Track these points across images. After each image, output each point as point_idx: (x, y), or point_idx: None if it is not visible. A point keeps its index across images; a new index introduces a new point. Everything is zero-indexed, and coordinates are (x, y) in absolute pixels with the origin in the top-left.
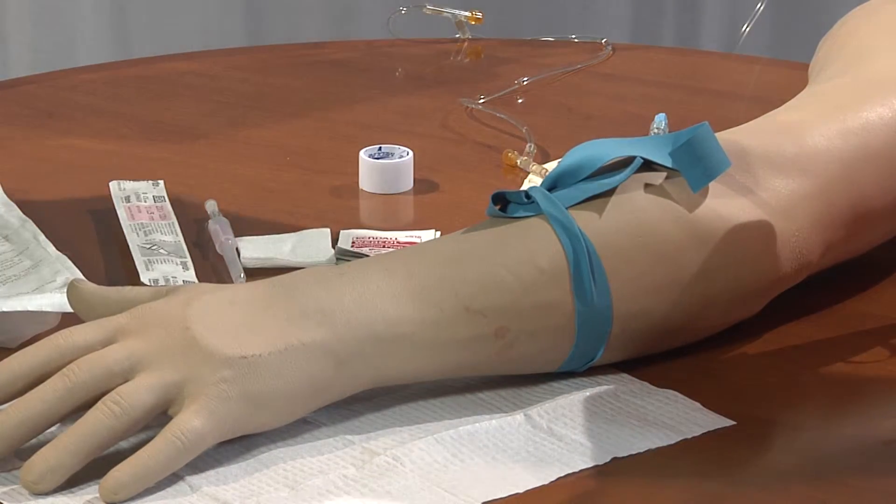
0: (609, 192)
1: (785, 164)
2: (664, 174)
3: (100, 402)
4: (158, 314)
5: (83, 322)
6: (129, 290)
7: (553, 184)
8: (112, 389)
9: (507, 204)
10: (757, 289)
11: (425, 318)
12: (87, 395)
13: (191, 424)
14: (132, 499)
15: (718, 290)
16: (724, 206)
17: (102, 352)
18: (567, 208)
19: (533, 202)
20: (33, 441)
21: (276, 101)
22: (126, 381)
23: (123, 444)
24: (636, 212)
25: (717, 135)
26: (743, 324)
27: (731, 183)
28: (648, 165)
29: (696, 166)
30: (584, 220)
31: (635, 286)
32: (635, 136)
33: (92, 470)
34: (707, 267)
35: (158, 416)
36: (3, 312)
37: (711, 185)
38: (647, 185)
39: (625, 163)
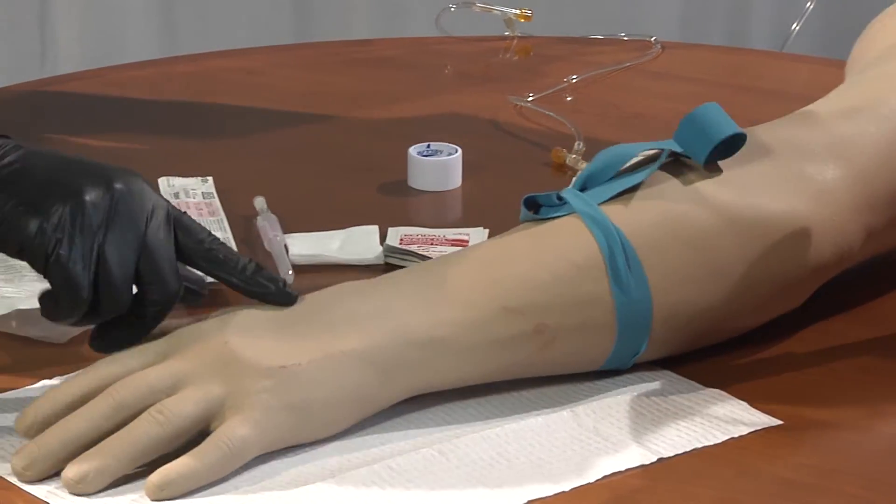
0: (639, 187)
1: (818, 151)
2: (693, 166)
3: (145, 413)
4: (197, 332)
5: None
6: (167, 324)
7: (583, 185)
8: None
9: (539, 207)
10: (797, 277)
11: (464, 320)
12: (130, 412)
13: (237, 432)
14: (175, 499)
15: (757, 279)
16: (757, 193)
17: (145, 371)
18: (598, 205)
19: (565, 203)
20: None
21: (324, 98)
22: (169, 397)
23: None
24: (667, 203)
25: (749, 128)
26: (786, 322)
27: (762, 171)
28: (678, 160)
29: (698, 138)
30: (616, 214)
31: (672, 276)
32: None
33: (140, 469)
34: (743, 254)
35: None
36: None
37: (744, 173)
38: (676, 177)
39: (652, 158)
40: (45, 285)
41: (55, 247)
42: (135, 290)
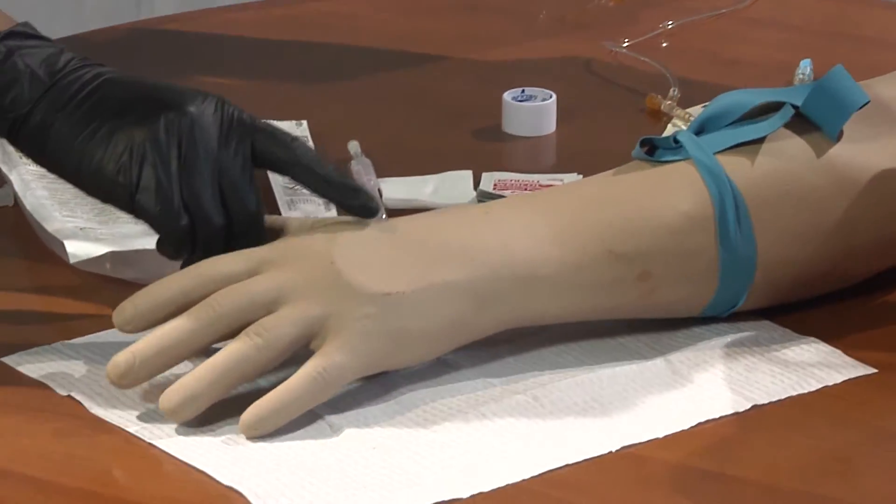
0: (757, 140)
1: None
2: (811, 123)
3: (242, 333)
4: (303, 247)
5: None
6: (275, 219)
7: (700, 128)
8: (255, 321)
9: (654, 149)
10: None
11: (568, 260)
12: (229, 326)
13: (332, 360)
14: (272, 435)
15: (862, 239)
16: (868, 154)
17: (247, 282)
18: (714, 154)
19: (680, 147)
20: (175, 371)
21: (420, 42)
22: (269, 313)
23: (262, 383)
24: (784, 160)
25: (864, 83)
26: (884, 272)
27: (873, 131)
28: (796, 113)
29: (829, 110)
30: (731, 166)
31: (780, 234)
32: (778, 83)
33: (232, 408)
34: (851, 215)
35: (299, 351)
36: (146, 250)
37: (854, 133)
38: (794, 133)
39: (771, 109)
40: (139, 228)
41: (137, 185)
42: None
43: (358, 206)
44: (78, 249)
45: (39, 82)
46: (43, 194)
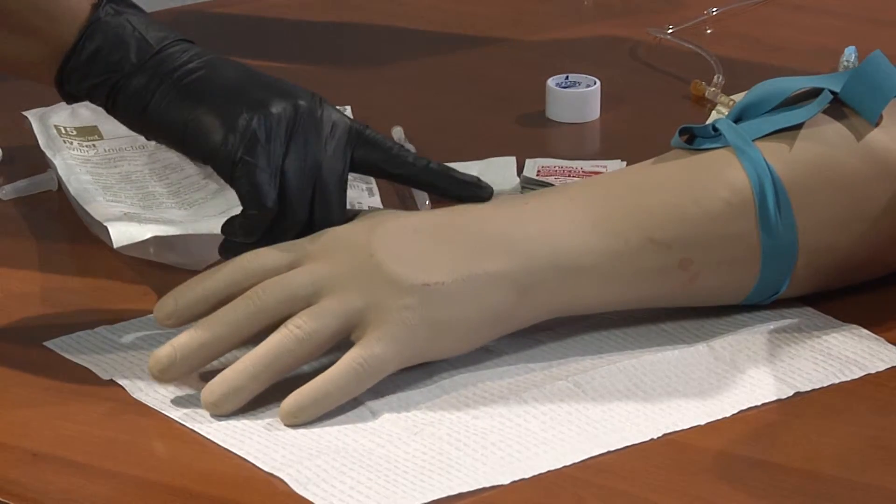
0: (796, 126)
1: None
2: (850, 108)
3: (283, 326)
4: (343, 239)
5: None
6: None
7: (739, 116)
8: (295, 314)
9: (693, 138)
10: None
11: (609, 249)
12: (270, 318)
13: (373, 351)
14: (312, 421)
15: None
16: None
17: (288, 275)
18: (754, 140)
19: (719, 135)
20: (215, 364)
21: (464, 27)
22: (310, 305)
23: (305, 369)
24: (823, 146)
25: None
26: None
27: None
28: (835, 99)
29: (867, 95)
30: (771, 152)
31: (821, 220)
32: (822, 69)
33: (274, 394)
34: (894, 203)
35: (340, 342)
36: (189, 235)
37: (894, 117)
38: (834, 119)
39: (809, 95)
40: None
41: (242, 153)
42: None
43: (470, 196)
44: (121, 234)
45: (147, 46)
46: (87, 179)
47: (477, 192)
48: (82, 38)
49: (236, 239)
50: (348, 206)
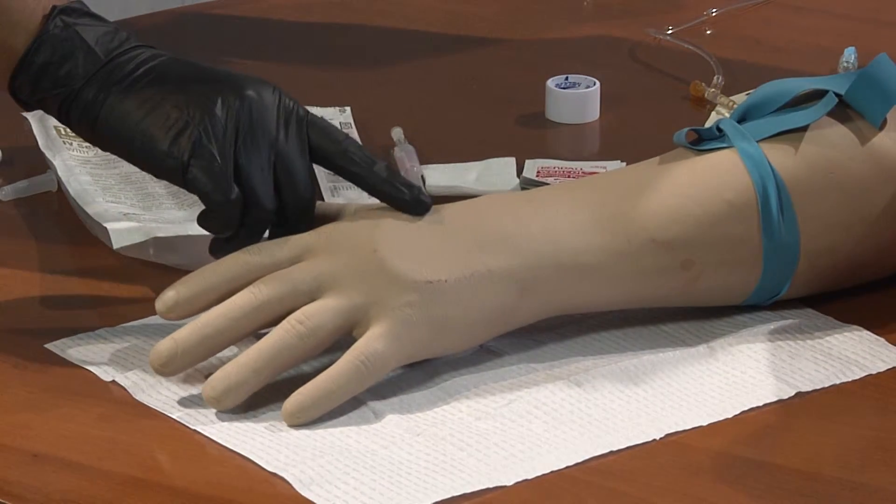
0: (800, 128)
1: None
2: (854, 111)
3: (284, 322)
4: (346, 234)
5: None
6: (327, 206)
7: (743, 116)
8: (297, 309)
9: (698, 140)
10: None
11: (611, 248)
12: (272, 313)
13: (374, 348)
14: (315, 421)
15: None
16: None
17: (289, 270)
18: (757, 142)
19: (723, 135)
20: (214, 360)
21: (463, 28)
22: (312, 300)
23: (305, 368)
24: (827, 148)
25: None
26: None
27: None
28: (839, 101)
29: (872, 98)
30: (774, 154)
31: (824, 223)
32: (823, 70)
33: (275, 394)
34: (895, 204)
35: (342, 338)
36: (189, 236)
37: None
38: (837, 122)
39: (814, 97)
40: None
41: (188, 158)
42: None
43: (409, 201)
44: (121, 235)
45: (95, 58)
46: (86, 179)
47: (418, 198)
48: (29, 52)
49: (212, 233)
50: (347, 207)
